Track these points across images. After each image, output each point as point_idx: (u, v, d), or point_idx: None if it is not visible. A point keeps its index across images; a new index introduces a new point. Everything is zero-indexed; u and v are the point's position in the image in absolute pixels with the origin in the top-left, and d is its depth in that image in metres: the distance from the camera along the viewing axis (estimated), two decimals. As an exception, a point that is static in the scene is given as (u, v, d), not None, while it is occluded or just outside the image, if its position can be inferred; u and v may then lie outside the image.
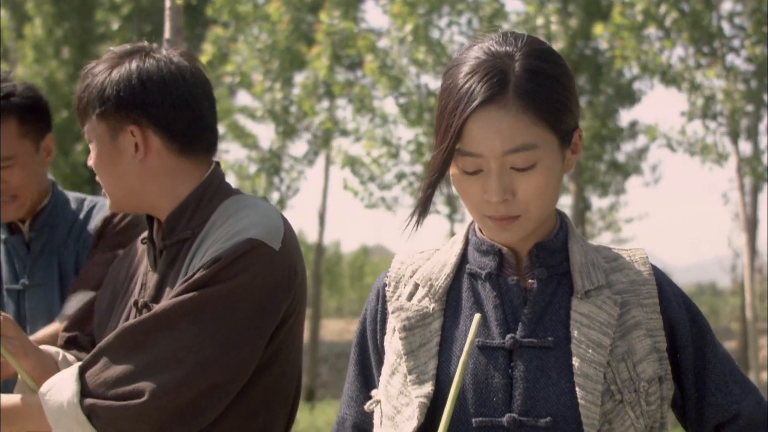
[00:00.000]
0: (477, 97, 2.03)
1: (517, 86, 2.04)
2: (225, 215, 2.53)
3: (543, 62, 2.08)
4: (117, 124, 2.53)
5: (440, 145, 2.07)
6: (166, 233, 2.56)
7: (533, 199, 2.08)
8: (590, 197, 19.88)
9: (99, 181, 2.57)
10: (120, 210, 2.63)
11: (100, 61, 2.59)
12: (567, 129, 2.10)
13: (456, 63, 2.12)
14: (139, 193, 2.56)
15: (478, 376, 2.09)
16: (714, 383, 2.18)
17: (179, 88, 2.54)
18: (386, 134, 14.74)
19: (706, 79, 13.14)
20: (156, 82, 2.53)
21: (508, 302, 2.14)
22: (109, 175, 2.57)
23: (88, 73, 2.58)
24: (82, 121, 2.59)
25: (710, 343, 2.20)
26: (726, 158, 13.27)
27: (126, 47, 2.60)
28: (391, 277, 2.27)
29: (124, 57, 2.56)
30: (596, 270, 2.16)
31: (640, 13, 12.86)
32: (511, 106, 2.03)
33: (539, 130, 2.05)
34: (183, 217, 2.56)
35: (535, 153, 2.05)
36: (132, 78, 2.51)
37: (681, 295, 2.22)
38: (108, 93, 2.52)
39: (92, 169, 2.60)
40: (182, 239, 2.54)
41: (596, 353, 2.06)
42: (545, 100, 2.05)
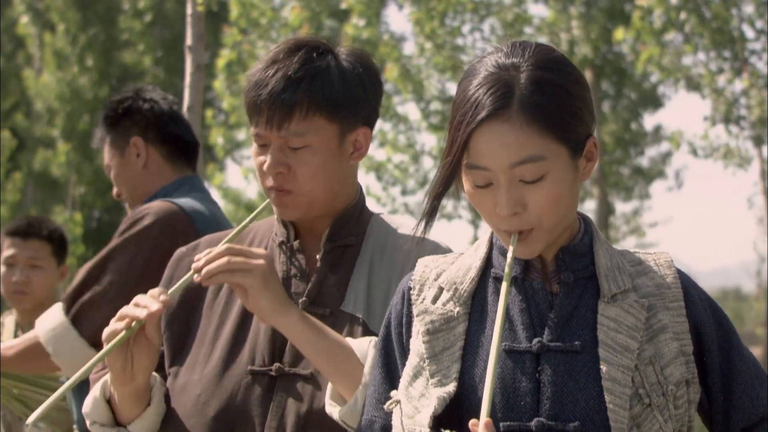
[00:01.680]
0: (481, 110, 2.03)
1: (522, 99, 2.03)
2: (385, 230, 2.64)
3: (550, 72, 2.07)
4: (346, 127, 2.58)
5: (446, 158, 2.08)
6: (329, 237, 2.59)
7: (545, 212, 2.07)
8: (614, 202, 19.86)
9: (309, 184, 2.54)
10: (314, 210, 2.59)
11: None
12: (578, 139, 2.09)
13: (466, 75, 2.13)
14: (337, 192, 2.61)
15: (506, 381, 2.08)
16: (740, 387, 2.17)
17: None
18: (409, 140, 14.76)
19: (729, 83, 13.09)
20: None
21: (534, 306, 2.14)
22: (330, 179, 2.58)
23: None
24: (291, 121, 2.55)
25: (736, 347, 2.19)
26: (749, 162, 13.21)
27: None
28: (416, 280, 2.26)
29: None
30: (622, 274, 2.15)
31: (659, 18, 12.82)
32: (516, 119, 2.03)
33: (546, 142, 2.04)
34: (349, 224, 2.61)
35: (543, 165, 2.04)
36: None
37: (706, 299, 2.21)
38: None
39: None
40: (346, 244, 2.59)
41: (624, 357, 2.05)
42: (552, 112, 2.04)
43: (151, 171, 3.72)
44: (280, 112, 2.47)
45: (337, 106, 2.51)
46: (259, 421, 2.44)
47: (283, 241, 2.62)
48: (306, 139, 2.49)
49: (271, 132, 2.50)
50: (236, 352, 2.52)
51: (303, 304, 2.52)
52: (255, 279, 2.34)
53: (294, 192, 2.52)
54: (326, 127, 2.51)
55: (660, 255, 2.23)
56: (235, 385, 2.48)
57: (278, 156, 2.51)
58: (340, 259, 2.59)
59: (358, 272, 2.56)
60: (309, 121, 2.49)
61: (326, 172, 2.53)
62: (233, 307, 2.59)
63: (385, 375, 2.27)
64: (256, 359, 2.49)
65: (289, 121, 2.48)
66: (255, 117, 2.52)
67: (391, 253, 2.58)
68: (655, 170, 19.87)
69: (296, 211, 2.55)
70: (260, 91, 2.49)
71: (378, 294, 2.53)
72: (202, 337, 2.58)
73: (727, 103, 13.05)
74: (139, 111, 3.75)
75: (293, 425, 2.41)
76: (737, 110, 13.08)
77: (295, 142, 2.49)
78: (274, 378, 2.47)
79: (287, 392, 2.45)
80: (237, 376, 2.49)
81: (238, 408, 2.46)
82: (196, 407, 2.48)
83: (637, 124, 18.31)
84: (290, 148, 2.50)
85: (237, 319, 2.56)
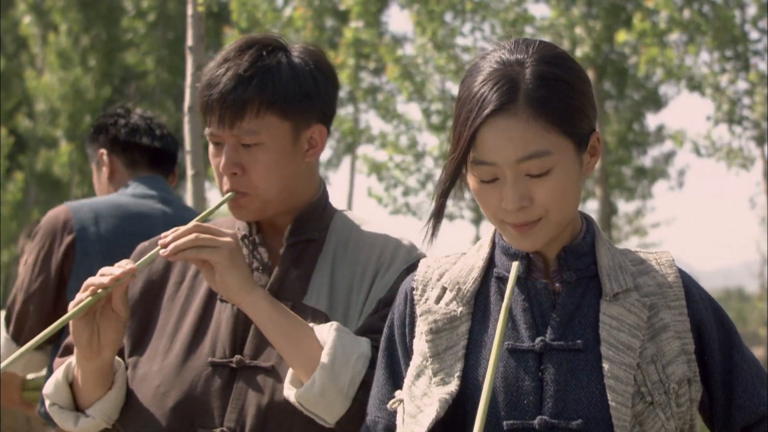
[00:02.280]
0: (487, 106, 2.04)
1: (527, 94, 2.04)
2: (348, 226, 2.64)
3: (554, 67, 2.08)
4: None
5: (453, 154, 2.09)
6: (291, 232, 2.59)
7: (552, 205, 2.08)
8: (617, 202, 19.85)
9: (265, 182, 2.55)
10: (269, 210, 2.59)
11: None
12: (582, 133, 2.10)
13: (470, 73, 2.13)
14: (294, 189, 2.61)
15: (509, 379, 2.09)
16: (741, 386, 2.18)
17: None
18: (411, 140, 14.76)
19: (731, 83, 13.08)
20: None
21: (536, 306, 2.14)
22: (285, 177, 2.58)
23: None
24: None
25: (737, 346, 2.20)
26: (752, 162, 13.21)
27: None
28: (419, 280, 2.27)
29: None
30: (624, 273, 2.16)
31: (664, 20, 12.81)
32: (522, 113, 2.04)
33: (552, 136, 2.05)
34: (311, 219, 2.61)
35: (549, 159, 2.05)
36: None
37: (708, 298, 2.22)
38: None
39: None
40: (308, 239, 2.59)
41: (626, 355, 2.06)
42: (557, 106, 2.05)
43: (116, 181, 3.89)
44: (232, 111, 2.48)
45: (288, 103, 2.51)
46: (219, 412, 2.44)
47: (245, 234, 2.63)
48: (258, 137, 2.50)
49: (224, 131, 2.50)
50: (197, 344, 2.52)
51: None
52: (222, 255, 2.36)
53: (249, 193, 2.52)
54: (278, 125, 2.51)
55: (661, 254, 2.25)
56: (195, 377, 2.48)
57: (232, 155, 2.51)
58: (303, 253, 2.59)
59: (320, 267, 2.56)
60: (261, 118, 2.49)
61: (280, 170, 2.53)
62: (194, 299, 2.59)
63: (389, 376, 2.27)
64: (217, 351, 2.50)
65: (241, 119, 2.48)
66: (208, 116, 2.53)
67: (354, 249, 2.59)
68: (657, 170, 19.87)
69: (250, 214, 2.56)
70: (212, 90, 2.50)
71: (340, 288, 2.54)
72: (163, 329, 2.58)
73: (730, 102, 13.04)
74: (105, 126, 3.95)
75: (253, 417, 2.42)
76: (740, 110, 13.08)
77: (248, 140, 2.50)
78: (234, 370, 2.47)
79: (248, 384, 2.45)
80: (197, 368, 2.49)
81: (197, 399, 2.46)
82: (156, 398, 2.49)
83: (639, 124, 18.31)
84: (243, 147, 2.51)
85: (198, 312, 2.57)
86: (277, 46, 2.56)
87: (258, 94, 2.48)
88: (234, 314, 2.51)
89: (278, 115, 2.50)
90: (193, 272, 2.63)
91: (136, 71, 22.28)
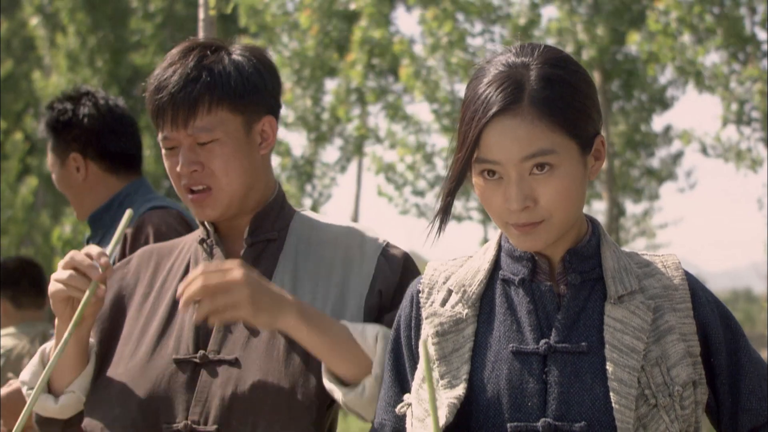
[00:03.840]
0: (493, 106, 2.07)
1: (532, 95, 2.07)
2: (308, 226, 2.66)
3: (559, 69, 2.11)
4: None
5: (459, 154, 2.11)
6: (250, 233, 2.60)
7: (556, 205, 2.09)
8: (624, 203, 19.80)
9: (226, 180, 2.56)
10: (233, 206, 2.60)
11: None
12: (586, 135, 2.12)
13: (476, 76, 2.16)
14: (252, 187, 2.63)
15: (513, 382, 2.10)
16: (748, 388, 2.18)
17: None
18: (420, 141, 14.75)
19: (740, 84, 13.06)
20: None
21: (541, 308, 2.15)
22: (245, 170, 2.60)
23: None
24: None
25: (744, 348, 2.20)
26: (760, 164, 13.20)
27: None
28: (425, 283, 2.28)
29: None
30: (629, 275, 2.17)
31: (675, 20, 12.80)
32: (527, 114, 2.06)
33: (556, 137, 2.07)
34: (269, 218, 2.63)
35: (553, 158, 2.07)
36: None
37: (714, 301, 2.22)
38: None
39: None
40: (267, 239, 2.61)
41: (630, 358, 2.07)
42: (561, 107, 2.08)
43: (91, 184, 3.74)
44: (184, 110, 2.51)
45: (237, 96, 2.54)
46: (184, 407, 2.46)
47: (203, 238, 2.65)
48: (213, 134, 2.52)
49: (179, 132, 2.53)
50: (162, 344, 2.55)
51: None
52: (241, 296, 2.33)
53: (213, 188, 2.54)
54: (231, 119, 2.54)
55: (667, 257, 2.25)
56: (159, 374, 2.50)
57: (189, 155, 2.54)
58: (263, 253, 2.61)
59: (282, 266, 2.59)
60: (213, 114, 2.52)
61: (239, 162, 2.55)
62: (160, 306, 2.61)
63: (395, 378, 2.29)
64: (181, 348, 2.52)
65: (194, 118, 2.51)
66: (160, 120, 2.55)
67: (317, 247, 2.62)
68: (665, 171, 19.82)
69: (216, 210, 2.57)
70: (161, 94, 2.52)
71: (306, 286, 2.56)
72: (129, 336, 2.61)
73: (739, 102, 13.02)
74: (79, 125, 3.72)
75: (217, 408, 2.43)
76: (749, 111, 13.05)
77: (203, 138, 2.52)
78: (198, 365, 2.49)
79: (211, 377, 2.47)
80: (161, 366, 2.51)
81: (162, 395, 2.48)
82: (121, 397, 2.51)
83: (646, 126, 18.27)
84: (200, 145, 2.53)
85: (164, 316, 2.59)
86: (219, 46, 2.60)
87: (207, 91, 2.51)
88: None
89: (229, 110, 2.54)
90: (161, 282, 2.66)
91: (144, 72, 22.28)
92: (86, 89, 3.81)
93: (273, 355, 2.46)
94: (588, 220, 2.25)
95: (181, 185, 2.56)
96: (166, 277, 2.67)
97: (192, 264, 2.65)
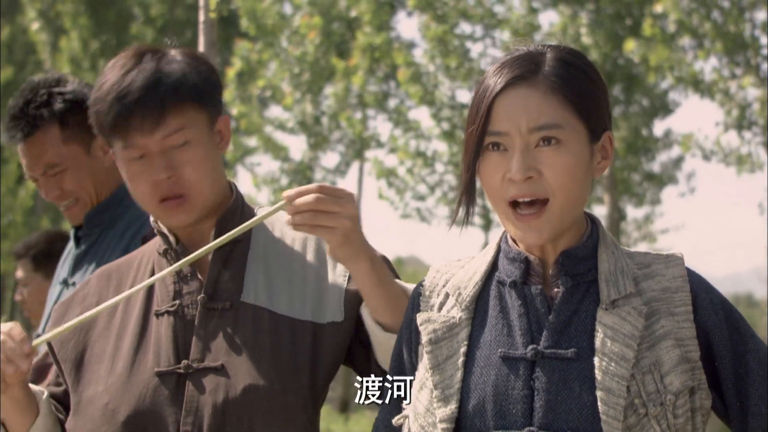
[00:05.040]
0: (509, 74, 2.10)
1: (548, 70, 2.11)
2: (271, 221, 2.63)
3: (574, 57, 2.15)
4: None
5: (471, 127, 2.12)
6: (216, 237, 2.56)
7: (559, 184, 2.08)
8: (625, 208, 19.80)
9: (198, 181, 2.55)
10: (204, 210, 2.59)
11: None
12: (596, 122, 2.13)
13: (492, 63, 2.19)
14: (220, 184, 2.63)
15: (499, 387, 2.08)
16: (756, 392, 2.12)
17: None
18: (420, 145, 14.77)
19: (741, 89, 13.07)
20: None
21: (533, 311, 2.13)
22: (214, 172, 2.60)
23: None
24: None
25: (753, 351, 2.14)
26: (761, 168, 13.19)
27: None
28: (426, 286, 2.27)
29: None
30: (625, 278, 2.13)
31: (673, 23, 12.81)
32: (541, 85, 2.09)
33: (567, 113, 2.09)
34: (233, 221, 2.59)
35: (560, 132, 2.08)
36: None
37: (720, 303, 2.16)
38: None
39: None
40: (234, 240, 2.55)
41: (619, 366, 2.03)
42: (575, 86, 2.10)
43: (108, 172, 3.50)
44: (153, 114, 2.46)
45: (201, 92, 2.53)
46: (173, 419, 2.43)
47: (166, 248, 2.61)
48: (185, 134, 2.50)
49: (149, 137, 2.48)
50: (140, 358, 2.51)
51: (202, 301, 2.52)
52: (336, 237, 2.35)
53: (186, 195, 2.52)
54: (198, 118, 2.53)
55: (672, 258, 2.19)
56: (143, 389, 2.47)
57: (161, 161, 2.49)
58: (231, 254, 2.58)
59: (252, 265, 2.57)
60: (182, 114, 2.49)
61: (209, 164, 2.54)
62: (129, 321, 2.58)
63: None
64: (162, 361, 2.48)
65: (164, 120, 2.47)
66: (122, 130, 2.48)
67: (285, 241, 2.60)
68: (666, 176, 19.82)
69: (190, 215, 2.55)
70: (123, 102, 2.46)
71: (280, 282, 2.54)
72: (101, 355, 2.57)
73: (740, 107, 13.02)
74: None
75: (210, 417, 2.41)
76: (749, 116, 13.05)
77: (175, 140, 2.49)
78: (183, 375, 2.46)
79: (199, 386, 2.44)
80: (144, 381, 2.47)
81: (148, 410, 2.45)
82: (105, 416, 2.47)
83: (647, 130, 18.28)
84: (171, 149, 2.50)
85: (136, 330, 2.55)
86: (162, 50, 2.57)
87: (173, 91, 2.48)
88: (172, 324, 2.52)
89: (196, 108, 2.52)
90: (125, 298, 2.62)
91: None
92: (52, 76, 3.58)
93: (259, 358, 2.44)
94: (588, 219, 2.22)
95: (153, 193, 2.52)
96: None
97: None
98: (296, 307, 2.50)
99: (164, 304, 2.55)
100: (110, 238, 3.48)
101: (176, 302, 2.54)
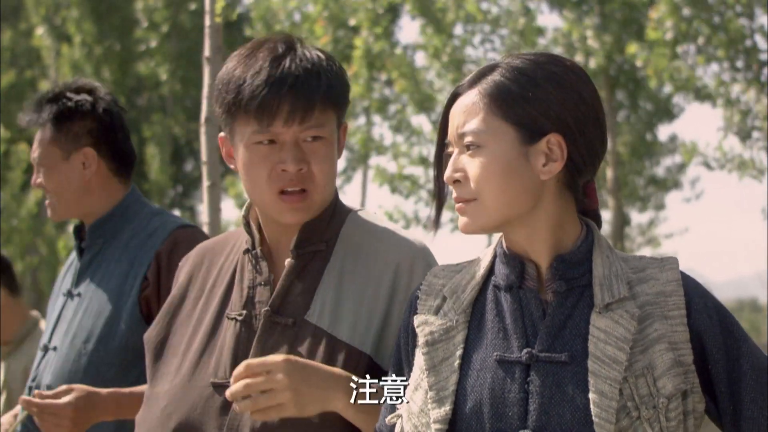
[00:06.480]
0: (459, 85, 2.20)
1: (489, 77, 2.16)
2: (361, 232, 2.56)
3: (529, 63, 2.16)
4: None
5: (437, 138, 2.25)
6: (297, 244, 2.51)
7: (481, 186, 2.12)
8: (629, 212, 19.82)
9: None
10: (318, 211, 2.53)
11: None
12: (531, 125, 2.13)
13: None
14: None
15: (495, 390, 2.09)
16: (749, 396, 2.12)
17: None
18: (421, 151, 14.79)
19: (742, 94, 13.07)
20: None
21: (528, 315, 2.14)
22: (335, 174, 2.59)
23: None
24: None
25: (747, 355, 2.14)
26: (763, 173, 13.19)
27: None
28: (423, 290, 2.28)
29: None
30: (619, 282, 2.14)
31: (670, 30, 12.81)
32: (476, 92, 2.15)
33: (490, 118, 2.13)
34: (319, 228, 2.54)
35: (479, 137, 2.13)
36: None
37: (713, 307, 2.16)
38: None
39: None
40: (314, 251, 2.53)
41: (612, 369, 2.04)
42: (504, 91, 2.13)
43: (95, 184, 3.49)
44: (305, 105, 2.41)
45: (339, 96, 2.50)
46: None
47: (247, 249, 2.57)
48: (322, 131, 2.46)
49: (290, 127, 2.43)
50: (204, 362, 2.50)
51: (266, 314, 2.47)
52: (285, 397, 2.29)
53: (309, 191, 2.47)
54: (332, 118, 2.49)
55: (666, 261, 2.20)
56: (197, 398, 2.46)
57: (296, 153, 2.44)
58: (308, 266, 2.51)
59: (326, 281, 2.49)
60: (325, 111, 2.46)
61: (335, 165, 2.52)
62: (206, 316, 2.56)
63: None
64: (219, 372, 2.47)
65: (312, 113, 2.43)
66: (267, 114, 2.41)
67: (367, 260, 2.51)
68: (670, 181, 19.84)
69: (308, 212, 2.49)
70: (279, 85, 2.40)
71: (348, 304, 2.46)
72: (177, 347, 2.57)
73: (741, 113, 13.02)
74: (97, 119, 3.51)
75: (249, 429, 2.39)
76: (751, 121, 13.06)
77: (313, 133, 2.44)
78: None
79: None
80: (200, 389, 2.47)
81: (197, 419, 2.45)
82: (161, 419, 2.49)
83: (652, 135, 18.30)
84: (303, 142, 2.45)
85: (208, 330, 2.54)
86: (304, 44, 2.53)
87: (326, 86, 2.44)
88: (236, 334, 2.49)
89: (333, 109, 2.48)
90: (210, 285, 2.61)
91: (149, 82, 22.33)
92: (92, 83, 3.60)
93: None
94: (584, 223, 2.23)
95: (275, 182, 2.46)
96: (216, 280, 2.61)
97: (238, 273, 2.58)
98: (358, 334, 2.43)
99: (235, 310, 2.52)
100: (113, 248, 3.47)
101: (244, 311, 2.50)
